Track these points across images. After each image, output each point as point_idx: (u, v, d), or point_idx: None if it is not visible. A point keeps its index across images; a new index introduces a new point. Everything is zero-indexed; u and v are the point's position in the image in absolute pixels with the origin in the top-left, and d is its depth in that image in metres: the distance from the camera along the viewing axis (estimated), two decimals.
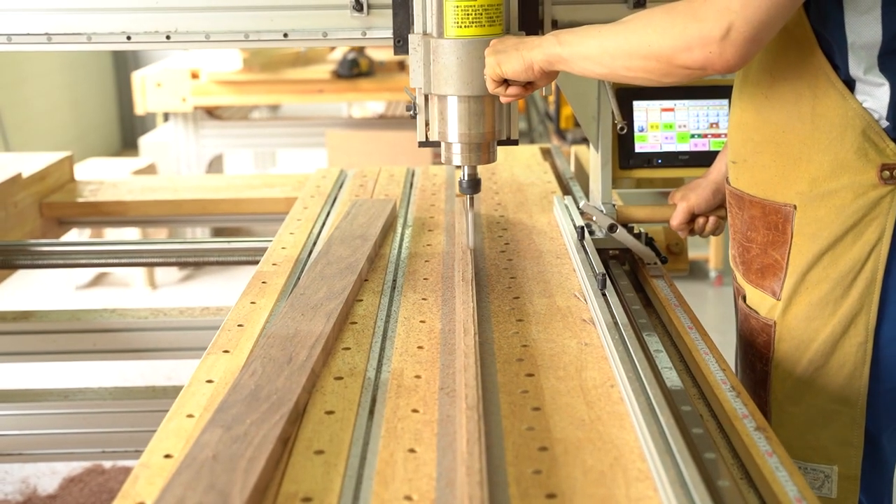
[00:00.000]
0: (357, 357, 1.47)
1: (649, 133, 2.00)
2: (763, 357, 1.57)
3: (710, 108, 2.01)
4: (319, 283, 1.71)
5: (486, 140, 1.70)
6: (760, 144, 1.52)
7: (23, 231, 2.81)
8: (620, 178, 2.00)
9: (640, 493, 1.07)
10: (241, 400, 1.27)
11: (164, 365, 4.22)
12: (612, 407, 1.28)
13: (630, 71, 1.39)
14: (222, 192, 3.04)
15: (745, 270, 1.59)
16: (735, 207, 1.60)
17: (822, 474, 1.52)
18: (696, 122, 2.00)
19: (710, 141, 2.01)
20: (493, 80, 1.58)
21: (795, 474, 1.14)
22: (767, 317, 1.55)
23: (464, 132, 1.67)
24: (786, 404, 1.55)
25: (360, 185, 2.58)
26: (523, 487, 1.09)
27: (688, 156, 2.00)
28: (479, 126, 1.67)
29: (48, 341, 2.44)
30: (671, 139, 2.00)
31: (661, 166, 2.01)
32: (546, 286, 1.75)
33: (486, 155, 1.72)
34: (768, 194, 1.52)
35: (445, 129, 1.69)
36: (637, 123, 2.00)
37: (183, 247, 2.56)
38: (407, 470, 1.14)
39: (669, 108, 2.00)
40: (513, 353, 1.47)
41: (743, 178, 1.57)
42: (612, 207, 1.95)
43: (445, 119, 1.68)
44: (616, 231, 1.90)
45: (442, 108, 1.68)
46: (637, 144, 2.00)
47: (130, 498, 1.10)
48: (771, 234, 1.51)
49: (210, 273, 5.62)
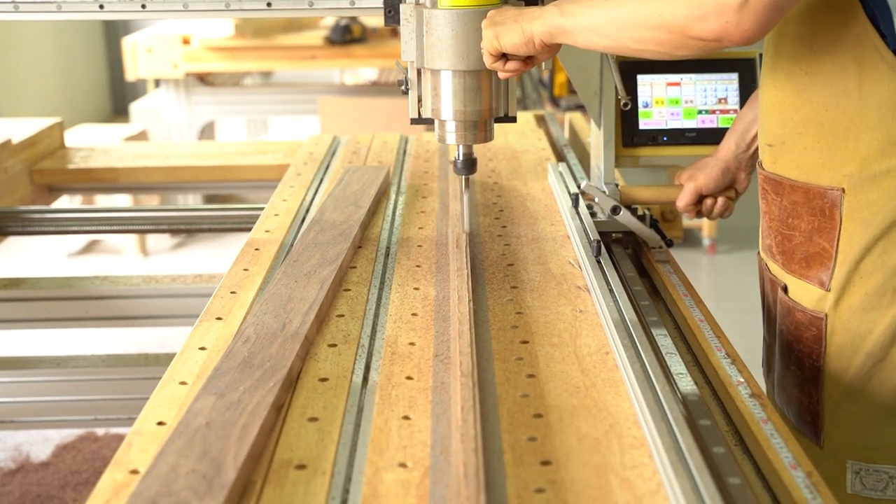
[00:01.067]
0: (351, 324, 1.46)
1: (654, 109, 1.88)
2: (813, 353, 1.43)
3: (718, 83, 1.89)
4: (313, 249, 1.70)
5: (483, 118, 1.60)
6: (801, 125, 1.39)
7: (13, 198, 2.79)
8: (623, 156, 1.88)
9: (635, 459, 1.07)
10: (234, 367, 1.26)
11: (157, 333, 4.22)
12: (607, 374, 1.28)
13: (639, 43, 1.29)
14: (214, 159, 3.02)
15: (786, 261, 1.46)
16: (771, 193, 1.47)
17: (885, 475, 1.40)
18: (704, 98, 1.89)
19: (719, 117, 1.89)
20: (491, 55, 1.48)
21: (790, 441, 1.13)
22: (816, 310, 1.42)
23: (459, 109, 1.58)
24: (842, 402, 1.42)
25: (353, 152, 2.56)
26: (518, 454, 1.09)
27: (695, 133, 1.89)
28: (475, 103, 1.58)
29: (40, 308, 2.43)
30: (677, 115, 1.88)
31: (666, 144, 1.89)
32: (540, 253, 1.74)
33: (483, 133, 1.62)
34: (812, 178, 1.39)
35: (439, 106, 1.59)
36: (641, 99, 1.88)
37: (175, 213, 2.55)
38: (401, 437, 1.13)
39: (675, 82, 1.88)
40: (507, 320, 1.46)
41: (781, 162, 1.44)
42: (615, 188, 1.84)
43: (439, 95, 1.58)
44: (619, 213, 1.79)
45: (435, 84, 1.58)
46: (641, 121, 1.88)
47: (123, 465, 1.09)
48: (816, 220, 1.39)
49: (202, 240, 5.60)
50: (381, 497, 1.01)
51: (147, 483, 0.99)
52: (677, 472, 0.98)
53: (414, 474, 1.05)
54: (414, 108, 1.68)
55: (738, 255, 5.10)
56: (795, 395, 1.48)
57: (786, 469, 1.07)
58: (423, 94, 1.63)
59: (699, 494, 0.95)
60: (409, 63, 1.64)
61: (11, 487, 3.18)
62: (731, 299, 4.58)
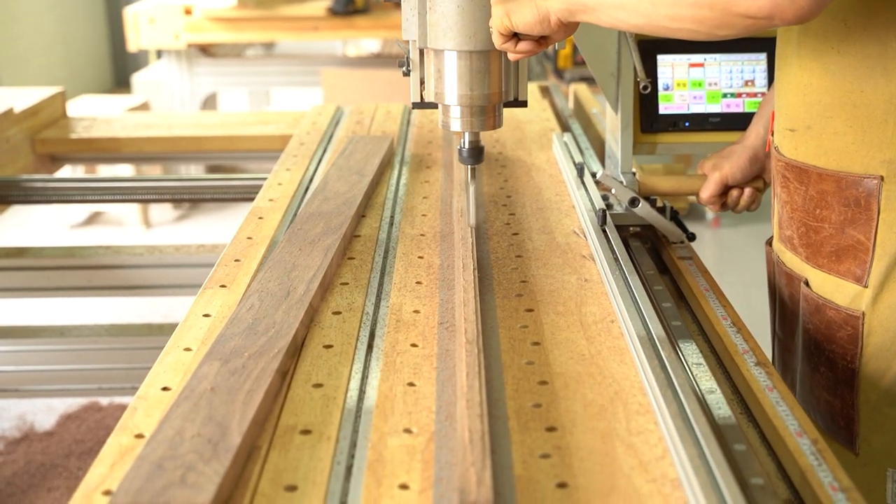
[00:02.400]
0: (355, 292, 1.46)
1: (675, 92, 1.73)
2: (847, 353, 1.33)
3: (745, 64, 1.73)
4: (317, 218, 1.69)
5: (491, 102, 1.47)
6: (831, 108, 1.28)
7: (15, 167, 2.78)
8: (641, 142, 1.73)
9: (640, 426, 1.06)
10: (238, 333, 1.26)
11: (161, 303, 4.22)
12: (613, 342, 1.27)
13: (675, 21, 1.14)
14: (217, 129, 3.01)
15: (812, 253, 1.36)
16: (794, 182, 1.35)
17: None
18: (729, 80, 1.74)
19: (745, 101, 1.74)
20: (501, 34, 1.33)
21: (796, 408, 1.13)
22: (851, 307, 1.32)
23: (464, 94, 1.45)
24: (881, 406, 1.33)
25: (356, 123, 2.55)
26: (523, 421, 1.09)
27: (719, 118, 1.73)
28: (483, 86, 1.45)
29: (43, 277, 2.43)
30: (700, 99, 1.74)
31: (688, 130, 1.73)
32: (545, 223, 1.74)
33: (491, 120, 1.49)
34: (843, 165, 1.28)
35: (443, 90, 1.46)
36: (661, 81, 1.73)
37: (178, 183, 2.54)
38: (406, 403, 1.13)
39: (699, 63, 1.73)
40: (512, 288, 1.46)
41: (806, 148, 1.33)
42: (632, 178, 1.69)
43: (443, 78, 1.45)
44: (638, 205, 1.65)
45: (439, 65, 1.45)
46: (661, 105, 1.73)
47: (128, 429, 1.09)
48: (850, 210, 1.29)
49: (205, 212, 5.59)
50: (386, 462, 1.01)
51: (152, 447, 0.99)
52: (683, 438, 0.98)
53: (419, 440, 1.05)
54: (416, 91, 1.55)
55: (741, 229, 5.09)
56: (825, 398, 1.38)
57: (791, 436, 1.07)
58: (426, 76, 1.50)
59: (705, 460, 0.94)
60: (410, 42, 1.52)
61: (16, 456, 3.19)
62: (735, 273, 4.57)
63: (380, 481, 0.98)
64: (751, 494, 0.97)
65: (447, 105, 1.49)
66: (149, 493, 0.91)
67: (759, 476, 1.00)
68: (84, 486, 0.98)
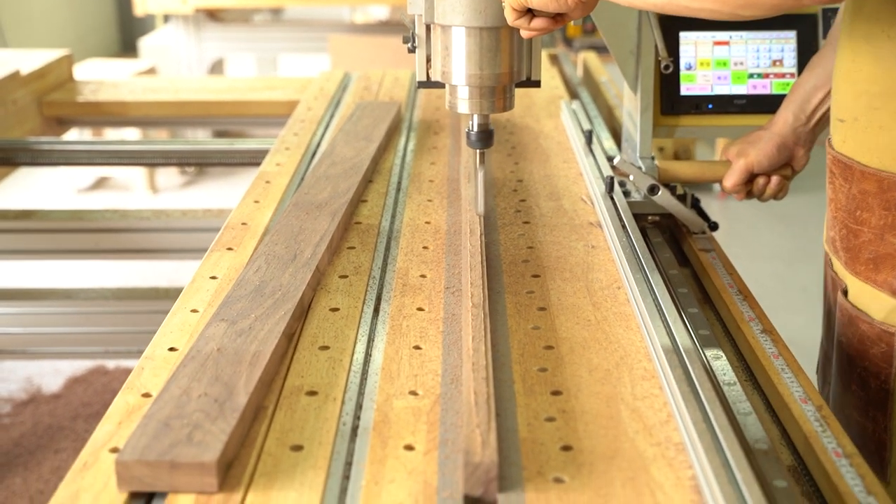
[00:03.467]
0: (362, 256, 1.46)
1: (698, 72, 1.63)
2: (881, 372, 1.22)
3: (773, 42, 1.63)
4: (324, 182, 1.69)
5: (502, 83, 1.36)
6: (878, 98, 1.16)
7: (22, 129, 2.78)
8: (661, 125, 1.63)
9: (645, 390, 1.07)
10: (245, 295, 1.26)
11: (167, 268, 4.23)
12: (619, 308, 1.27)
13: (696, 1, 1.06)
14: (224, 94, 3.00)
15: (850, 259, 1.24)
16: (839, 178, 1.24)
17: None
18: (756, 59, 1.63)
19: (773, 82, 1.64)
20: (514, 10, 1.23)
21: (801, 375, 1.13)
22: (886, 322, 1.20)
23: (474, 73, 1.34)
24: None
25: (364, 89, 2.54)
26: (529, 384, 1.09)
27: (745, 100, 1.63)
28: (494, 65, 1.34)
29: (50, 240, 2.43)
30: (725, 79, 1.63)
31: (711, 112, 1.64)
32: (553, 189, 1.73)
33: (502, 101, 1.39)
34: (886, 164, 1.17)
35: (450, 69, 1.35)
36: (684, 60, 1.63)
37: (185, 147, 2.54)
38: (412, 366, 1.14)
39: (723, 41, 1.63)
40: (519, 254, 1.46)
41: (852, 142, 1.22)
42: (652, 163, 1.60)
43: (450, 56, 1.35)
44: (658, 193, 1.56)
45: (447, 42, 1.35)
46: (683, 86, 1.63)
47: (135, 388, 1.10)
48: (890, 215, 1.17)
49: (211, 178, 5.59)
50: (391, 423, 1.02)
51: (159, 405, 1.00)
52: (688, 402, 0.98)
53: (424, 402, 1.06)
54: (422, 69, 1.44)
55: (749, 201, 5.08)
56: (856, 418, 1.27)
57: (796, 402, 1.08)
58: (433, 53, 1.39)
59: (710, 424, 0.95)
60: (416, 17, 1.41)
61: (24, 418, 3.22)
62: (742, 245, 4.57)
63: (385, 442, 0.99)
64: (754, 459, 0.98)
65: (454, 85, 1.38)
66: (155, 451, 0.92)
67: (763, 441, 1.01)
68: (91, 443, 0.99)
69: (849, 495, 0.92)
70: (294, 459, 0.96)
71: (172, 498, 0.90)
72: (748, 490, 0.84)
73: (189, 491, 0.91)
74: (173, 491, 0.91)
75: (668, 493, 0.89)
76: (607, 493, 0.89)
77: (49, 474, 2.91)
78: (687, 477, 0.91)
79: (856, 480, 0.94)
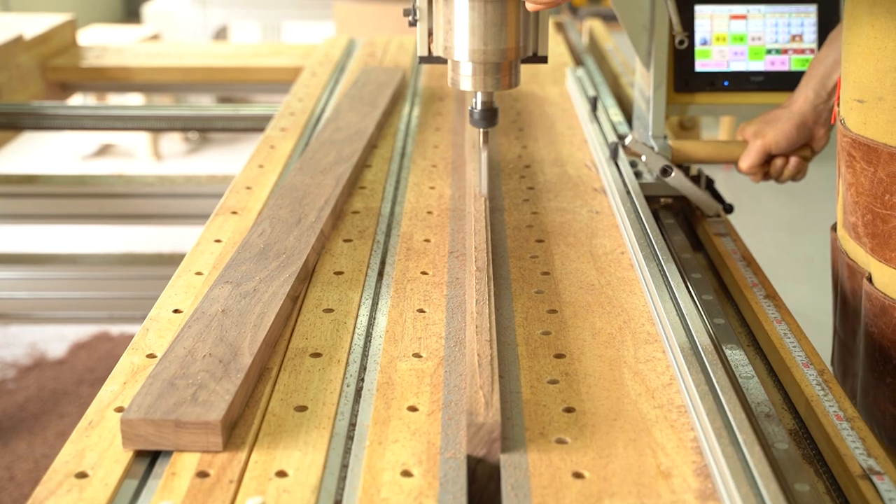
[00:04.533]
0: (366, 220, 1.46)
1: (714, 47, 1.57)
2: None
3: (792, 16, 1.57)
4: (329, 147, 1.69)
5: (508, 59, 1.28)
6: None
7: (26, 94, 2.77)
8: (674, 103, 1.58)
9: (648, 354, 1.07)
10: (250, 258, 1.26)
11: (171, 235, 4.24)
12: (622, 273, 1.27)
13: None
14: (229, 60, 2.99)
15: (878, 246, 1.18)
16: (861, 161, 1.18)
17: None
18: (775, 34, 1.57)
19: (792, 58, 1.58)
20: None
21: (804, 340, 1.14)
22: None
23: (477, 48, 1.26)
24: None
25: (369, 55, 2.53)
26: (532, 347, 1.09)
27: (762, 77, 1.58)
28: (499, 40, 1.26)
29: (53, 205, 2.44)
30: (741, 55, 1.58)
31: (727, 90, 1.58)
32: (557, 156, 1.73)
33: (507, 77, 1.31)
34: None
35: (452, 43, 1.28)
36: (699, 34, 1.57)
37: (189, 113, 2.53)
38: (416, 329, 1.14)
39: (741, 14, 1.57)
40: (523, 219, 1.46)
41: (876, 123, 1.15)
42: (664, 143, 1.54)
43: (453, 29, 1.27)
44: (671, 175, 1.51)
45: (449, 15, 1.27)
46: (698, 62, 1.57)
47: (140, 349, 1.10)
48: None
49: (215, 147, 5.58)
50: (395, 385, 1.02)
51: (164, 365, 1.00)
52: (690, 365, 0.98)
53: (428, 364, 1.06)
54: (423, 43, 1.37)
55: None
56: (891, 411, 1.21)
57: (798, 367, 1.08)
58: (435, 27, 1.32)
59: (712, 387, 0.95)
60: None
61: (28, 383, 3.24)
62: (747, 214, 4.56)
63: (389, 403, 0.99)
64: (756, 422, 0.98)
65: (456, 61, 1.30)
66: (160, 410, 0.92)
67: (764, 404, 1.01)
68: (97, 402, 0.99)
69: (849, 458, 0.92)
70: (298, 420, 0.96)
71: (177, 457, 0.91)
72: (749, 452, 0.84)
73: (194, 450, 0.91)
74: (178, 450, 0.91)
75: (669, 455, 0.89)
76: (609, 454, 0.90)
77: (54, 439, 2.93)
78: (689, 439, 0.92)
79: (857, 443, 0.95)
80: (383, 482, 0.86)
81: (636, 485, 0.85)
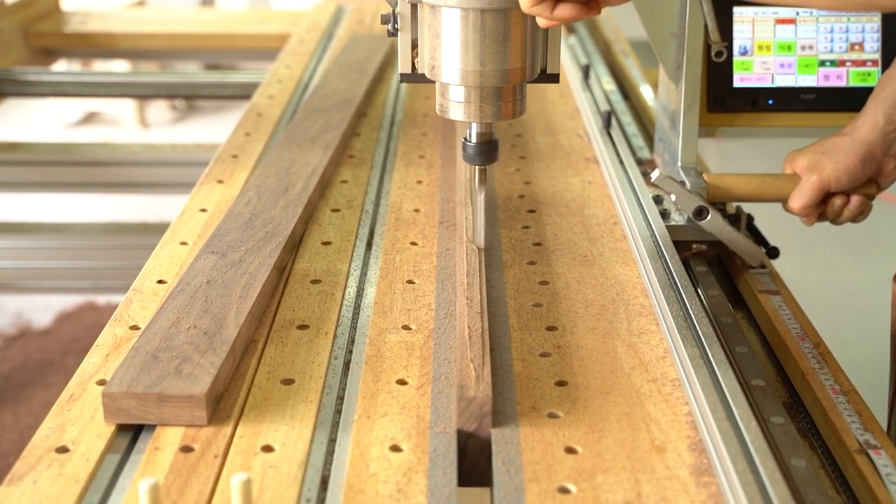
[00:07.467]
0: (355, 190, 1.43)
1: (756, 58, 1.31)
2: None
3: (851, 22, 1.31)
4: (316, 115, 1.66)
5: (511, 81, 1.02)
6: None
7: (9, 59, 2.72)
8: (707, 125, 1.32)
9: (641, 326, 1.05)
10: (235, 228, 1.24)
11: (157, 204, 4.20)
12: (615, 244, 1.25)
13: None
14: (215, 26, 2.94)
15: None
16: None
17: None
18: (829, 42, 1.32)
19: (850, 72, 1.32)
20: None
21: (799, 313, 1.12)
22: None
23: (473, 69, 1.00)
24: None
25: (357, 22, 2.50)
26: (524, 319, 1.07)
27: (814, 94, 1.32)
28: (500, 59, 1.00)
29: (38, 173, 2.40)
30: (789, 67, 1.32)
31: (772, 109, 1.33)
32: (549, 124, 1.71)
33: (510, 105, 1.04)
34: None
35: (439, 62, 1.01)
36: (737, 42, 1.31)
37: (175, 80, 2.50)
38: (405, 300, 1.12)
39: (788, 18, 1.31)
40: (514, 189, 1.44)
41: None
42: (697, 177, 1.27)
43: (440, 43, 1.01)
44: (707, 218, 1.22)
45: (436, 27, 1.00)
46: (737, 75, 1.32)
47: (123, 320, 1.08)
48: None
49: (202, 115, 5.53)
50: (384, 358, 1.00)
51: (148, 337, 0.98)
52: (685, 338, 0.96)
53: (418, 336, 1.04)
54: (406, 58, 1.08)
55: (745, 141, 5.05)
56: None
57: (793, 339, 1.06)
58: (420, 39, 1.05)
59: (707, 360, 0.93)
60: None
61: (14, 353, 3.21)
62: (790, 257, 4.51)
63: (377, 377, 0.97)
64: (751, 395, 0.97)
65: (445, 83, 1.04)
66: (143, 384, 0.90)
67: (759, 377, 1.00)
68: (78, 374, 0.97)
69: (845, 432, 0.91)
70: (285, 393, 0.94)
71: (161, 431, 0.89)
72: (745, 426, 0.83)
73: (178, 424, 0.89)
74: (162, 424, 0.89)
75: (663, 429, 0.88)
76: (602, 429, 0.88)
77: (39, 409, 2.90)
78: (683, 413, 0.90)
79: (853, 417, 0.93)
80: (372, 457, 0.85)
81: (630, 460, 0.84)
